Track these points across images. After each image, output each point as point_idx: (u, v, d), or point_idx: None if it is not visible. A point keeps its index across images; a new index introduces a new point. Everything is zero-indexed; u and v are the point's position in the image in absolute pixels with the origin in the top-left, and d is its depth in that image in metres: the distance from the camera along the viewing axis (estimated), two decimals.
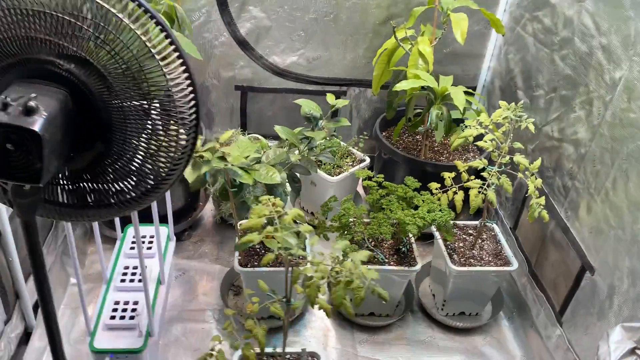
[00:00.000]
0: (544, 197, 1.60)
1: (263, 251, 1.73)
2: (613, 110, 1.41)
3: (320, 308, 1.03)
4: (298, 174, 1.66)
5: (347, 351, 1.75)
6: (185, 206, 2.10)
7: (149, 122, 0.84)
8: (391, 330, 1.85)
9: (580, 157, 1.56)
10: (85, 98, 0.83)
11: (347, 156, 2.21)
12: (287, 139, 1.56)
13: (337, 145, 2.18)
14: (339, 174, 2.11)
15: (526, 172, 1.56)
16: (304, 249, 1.47)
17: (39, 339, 1.62)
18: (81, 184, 0.90)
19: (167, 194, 1.74)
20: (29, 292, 1.62)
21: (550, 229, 1.73)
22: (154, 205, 1.58)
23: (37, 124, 0.70)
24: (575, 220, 1.58)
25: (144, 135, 0.86)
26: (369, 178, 1.76)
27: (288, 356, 1.41)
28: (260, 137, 2.17)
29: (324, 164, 2.13)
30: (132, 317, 1.51)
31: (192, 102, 0.86)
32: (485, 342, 1.83)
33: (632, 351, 1.28)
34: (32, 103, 0.71)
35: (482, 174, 1.57)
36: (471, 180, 1.59)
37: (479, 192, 1.56)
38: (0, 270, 1.49)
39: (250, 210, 1.12)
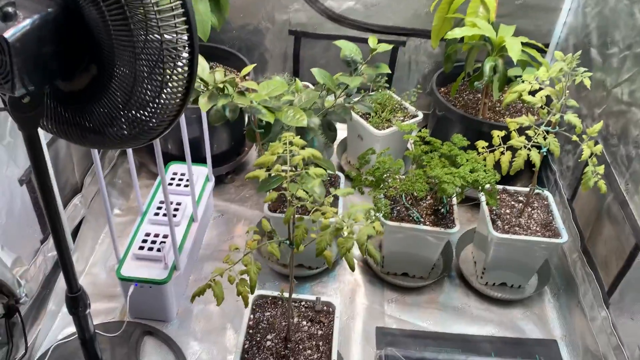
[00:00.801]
0: (603, 166, 1.44)
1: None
2: None
3: (322, 257, 0.97)
4: (335, 123, 1.59)
5: (374, 308, 1.71)
6: (230, 149, 2.09)
7: (140, 43, 0.80)
8: (423, 292, 1.77)
9: None
10: (77, 14, 0.80)
11: (398, 110, 2.11)
12: (323, 83, 1.50)
13: (388, 97, 2.08)
14: (388, 128, 2.01)
15: (583, 136, 1.41)
16: (322, 192, 1.42)
17: (76, 263, 1.70)
18: (79, 106, 0.89)
19: (206, 134, 1.74)
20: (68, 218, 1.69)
21: (607, 201, 1.56)
22: (186, 143, 1.58)
23: (8, 31, 0.69)
24: (635, 194, 1.42)
25: (137, 60, 0.82)
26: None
27: (303, 303, 1.38)
28: (310, 85, 2.11)
29: (372, 117, 2.04)
30: (158, 250, 1.54)
31: (184, 25, 0.80)
32: (523, 317, 1.72)
33: None
34: (9, 9, 0.69)
35: (527, 132, 1.43)
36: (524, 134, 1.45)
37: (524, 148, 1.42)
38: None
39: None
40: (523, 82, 1.48)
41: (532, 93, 1.46)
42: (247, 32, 2.22)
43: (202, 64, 1.20)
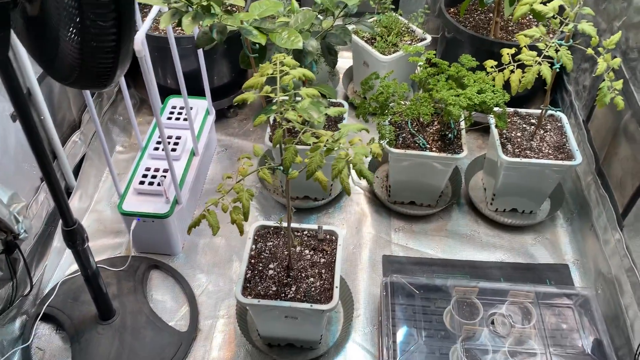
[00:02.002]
0: (620, 81, 1.36)
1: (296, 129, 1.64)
2: None
3: (315, 180, 0.93)
4: (335, 46, 1.51)
5: (381, 237, 1.68)
6: (231, 82, 2.03)
7: None
8: (431, 220, 1.74)
9: None
10: None
11: (405, 34, 2.00)
12: (321, 3, 1.41)
13: (394, 20, 1.98)
14: (394, 52, 1.92)
15: (599, 49, 1.31)
16: (319, 117, 1.37)
17: (79, 200, 1.69)
18: (39, 31, 0.83)
19: (202, 64, 1.67)
20: (69, 155, 1.67)
21: (624, 120, 1.48)
22: (180, 74, 1.53)
23: None
24: None
25: None
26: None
27: (305, 232, 1.36)
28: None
29: (378, 42, 1.95)
30: (159, 184, 1.51)
31: None
32: (535, 242, 1.68)
33: None
34: None
35: (538, 44, 1.33)
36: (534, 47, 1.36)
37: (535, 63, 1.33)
38: None
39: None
40: None
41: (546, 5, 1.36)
42: None
43: None
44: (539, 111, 1.63)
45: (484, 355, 1.31)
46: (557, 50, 1.29)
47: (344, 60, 2.27)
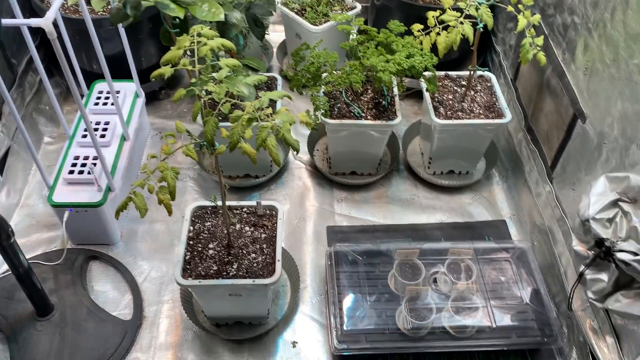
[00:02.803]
0: (541, 37, 1.39)
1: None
2: None
3: (244, 153, 0.91)
4: (262, 18, 1.49)
5: (324, 209, 1.69)
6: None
7: None
8: (372, 188, 1.76)
9: None
10: None
11: (335, 3, 1.99)
12: None
13: None
14: (325, 22, 1.91)
15: (519, 6, 1.34)
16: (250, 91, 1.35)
17: (7, 196, 1.62)
18: None
19: (127, 46, 1.61)
20: None
21: (547, 75, 1.53)
22: (101, 56, 1.47)
23: None
24: (572, 62, 1.38)
25: None
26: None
27: (245, 209, 1.34)
28: None
29: (308, 12, 1.93)
30: (89, 172, 1.46)
31: None
32: (472, 201, 1.73)
33: (614, 203, 1.15)
34: None
35: (459, 4, 1.35)
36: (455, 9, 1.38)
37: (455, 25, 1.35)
38: None
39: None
40: None
41: None
42: None
43: None
44: (469, 71, 1.66)
45: (429, 314, 1.34)
46: (477, 9, 1.31)
47: (278, 34, 2.24)
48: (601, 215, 1.15)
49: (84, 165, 1.49)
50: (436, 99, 1.64)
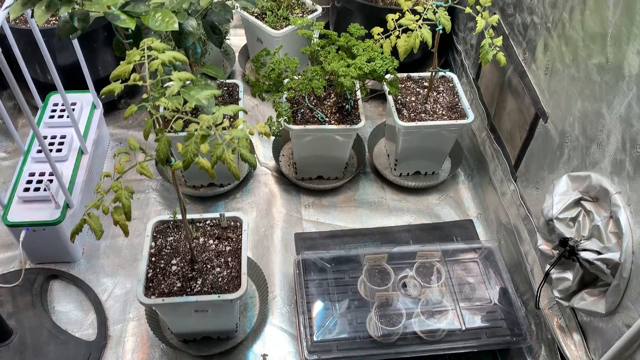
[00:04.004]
0: (500, 38, 1.40)
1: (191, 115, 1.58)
2: None
3: (201, 168, 0.88)
4: (220, 25, 1.45)
5: (292, 215, 1.67)
6: None
7: None
8: (339, 192, 1.74)
9: None
10: None
11: (296, 6, 1.97)
12: None
13: None
14: (286, 26, 1.88)
15: (477, 7, 1.34)
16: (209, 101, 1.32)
17: None
18: None
19: (80, 57, 1.56)
20: None
21: (508, 74, 1.53)
22: (53, 71, 1.42)
23: None
24: (532, 62, 1.39)
25: None
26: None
27: (208, 222, 1.31)
28: None
29: (269, 16, 1.90)
30: (45, 189, 1.41)
31: None
32: (439, 201, 1.73)
33: (576, 202, 1.16)
34: None
35: (416, 7, 1.34)
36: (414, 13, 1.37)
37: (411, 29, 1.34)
38: None
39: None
40: None
41: None
42: None
43: None
44: (430, 71, 1.66)
45: (399, 319, 1.33)
46: (435, 12, 1.30)
47: (239, 38, 2.21)
48: (564, 214, 1.16)
49: (40, 182, 1.44)
50: (399, 102, 1.64)
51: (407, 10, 1.39)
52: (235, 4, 1.40)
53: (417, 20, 1.33)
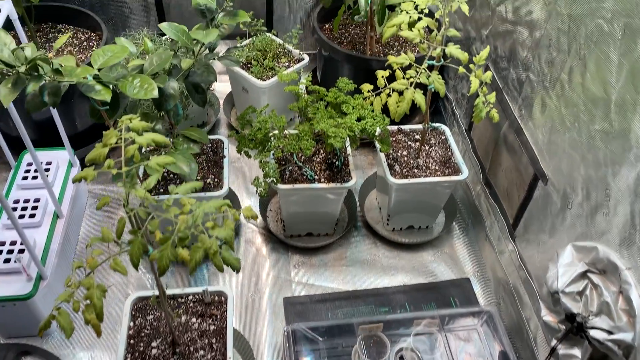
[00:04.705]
0: (494, 94, 1.35)
1: (172, 175, 1.50)
2: None
3: (180, 260, 0.80)
4: (202, 83, 1.38)
5: (280, 277, 1.58)
6: (98, 125, 1.83)
7: None
8: (330, 250, 1.66)
9: (535, 43, 1.28)
10: None
11: (282, 56, 1.91)
12: (177, 40, 1.27)
13: (269, 42, 1.88)
14: (272, 77, 1.82)
15: (470, 65, 1.29)
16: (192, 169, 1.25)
17: None
18: None
19: (54, 113, 1.48)
20: None
21: (503, 130, 1.48)
22: (21, 128, 1.33)
23: None
24: (529, 119, 1.33)
25: None
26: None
27: (190, 297, 1.22)
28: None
29: (254, 66, 1.84)
30: (16, 260, 1.31)
31: None
32: (434, 258, 1.66)
33: (583, 275, 1.10)
34: None
35: (407, 72, 1.29)
36: (405, 76, 1.32)
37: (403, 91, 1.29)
38: None
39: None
40: (402, 12, 1.33)
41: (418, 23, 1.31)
42: None
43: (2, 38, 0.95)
44: (422, 125, 1.60)
45: None
46: (428, 76, 1.25)
47: (224, 85, 2.14)
48: (570, 288, 1.09)
49: (10, 251, 1.35)
50: (391, 156, 1.57)
51: (398, 68, 1.34)
52: (219, 63, 1.34)
53: (410, 84, 1.27)
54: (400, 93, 1.33)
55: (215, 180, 1.49)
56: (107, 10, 1.98)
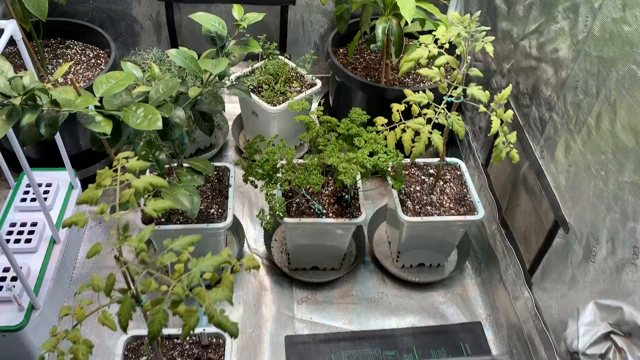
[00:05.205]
0: (514, 133, 1.28)
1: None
2: (602, 21, 1.05)
3: (175, 314, 0.74)
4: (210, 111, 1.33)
5: (283, 313, 1.51)
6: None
7: None
8: (336, 286, 1.59)
9: (561, 83, 1.22)
10: None
11: (294, 80, 1.86)
12: (185, 67, 1.22)
13: (281, 66, 1.83)
14: (283, 102, 1.77)
15: (491, 104, 1.22)
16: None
17: None
18: None
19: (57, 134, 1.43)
20: None
21: (523, 170, 1.41)
22: (17, 149, 1.28)
23: None
24: (551, 162, 1.27)
25: None
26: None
27: (187, 338, 1.16)
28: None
29: (265, 90, 1.79)
30: (9, 289, 1.26)
31: None
32: (445, 300, 1.58)
33: (606, 336, 1.02)
34: None
35: (424, 110, 1.23)
36: (423, 114, 1.25)
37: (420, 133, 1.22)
38: None
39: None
40: (421, 45, 1.27)
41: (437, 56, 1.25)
42: (105, 0, 1.87)
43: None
44: (437, 160, 1.54)
45: None
46: (447, 117, 1.19)
47: (234, 106, 2.09)
48: (592, 350, 1.02)
49: (3, 279, 1.29)
50: (403, 192, 1.51)
51: (415, 103, 1.27)
52: (229, 92, 1.28)
53: (427, 122, 1.20)
54: (417, 133, 1.27)
55: (220, 210, 1.43)
56: (117, 27, 1.94)
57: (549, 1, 1.28)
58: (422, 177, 1.57)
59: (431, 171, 1.58)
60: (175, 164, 1.35)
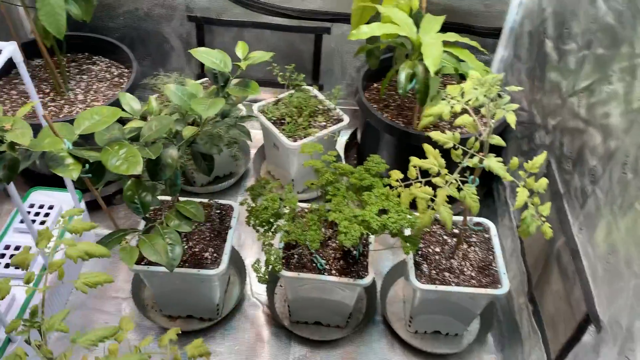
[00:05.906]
0: (548, 205, 1.11)
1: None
2: None
3: None
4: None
5: None
6: None
7: None
8: (339, 346, 1.45)
9: (608, 154, 1.04)
10: None
11: (320, 113, 1.74)
12: (181, 106, 1.12)
13: (306, 98, 1.71)
14: (305, 137, 1.65)
15: (520, 172, 1.06)
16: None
17: None
18: None
19: None
20: None
21: (558, 244, 1.23)
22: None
23: None
24: (589, 244, 1.08)
25: None
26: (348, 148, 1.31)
27: None
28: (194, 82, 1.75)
29: (287, 124, 1.68)
30: None
31: None
32: None
33: None
34: None
35: (433, 179, 1.07)
36: (442, 174, 1.10)
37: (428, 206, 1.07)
38: None
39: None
40: (446, 97, 1.12)
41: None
42: (137, 18, 1.83)
43: None
44: (462, 219, 1.37)
45: None
46: (459, 189, 1.03)
47: (259, 132, 2.00)
48: None
49: None
50: (420, 252, 1.36)
51: (438, 168, 1.12)
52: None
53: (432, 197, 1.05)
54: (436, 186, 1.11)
55: (215, 255, 1.33)
56: (147, 46, 1.89)
57: (604, 57, 1.11)
58: (445, 237, 1.41)
59: (455, 230, 1.42)
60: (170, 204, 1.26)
